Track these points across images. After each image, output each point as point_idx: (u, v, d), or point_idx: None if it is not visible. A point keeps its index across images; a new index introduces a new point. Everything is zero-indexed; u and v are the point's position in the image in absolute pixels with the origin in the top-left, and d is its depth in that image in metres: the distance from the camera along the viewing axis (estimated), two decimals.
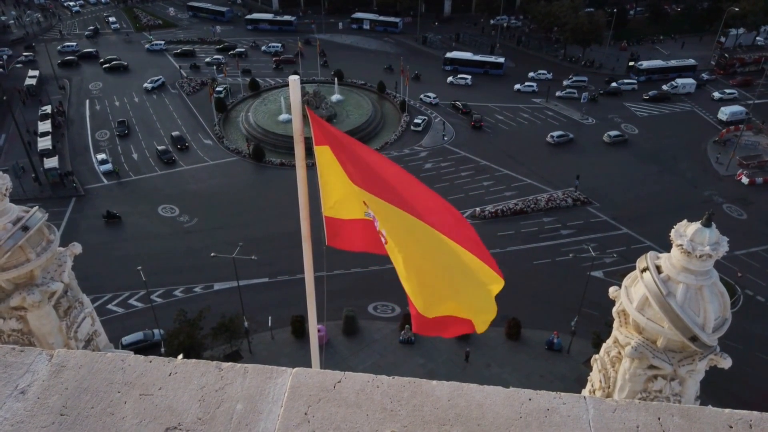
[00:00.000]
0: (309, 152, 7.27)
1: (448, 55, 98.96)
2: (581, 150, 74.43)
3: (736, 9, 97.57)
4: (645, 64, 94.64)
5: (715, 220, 7.11)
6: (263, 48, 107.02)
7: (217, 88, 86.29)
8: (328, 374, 3.61)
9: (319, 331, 9.77)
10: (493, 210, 61.80)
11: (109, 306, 49.80)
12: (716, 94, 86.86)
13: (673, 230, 7.20)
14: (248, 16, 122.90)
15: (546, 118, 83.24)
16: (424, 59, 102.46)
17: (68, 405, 3.42)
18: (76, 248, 8.89)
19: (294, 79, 6.84)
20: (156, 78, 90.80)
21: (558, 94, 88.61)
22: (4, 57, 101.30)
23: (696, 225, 7.07)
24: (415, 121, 79.98)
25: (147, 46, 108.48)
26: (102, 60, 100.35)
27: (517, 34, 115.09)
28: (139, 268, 47.60)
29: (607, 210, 62.40)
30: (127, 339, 45.36)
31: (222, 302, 48.85)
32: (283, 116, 78.29)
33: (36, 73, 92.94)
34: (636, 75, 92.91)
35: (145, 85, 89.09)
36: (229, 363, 3.73)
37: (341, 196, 7.68)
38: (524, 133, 78.83)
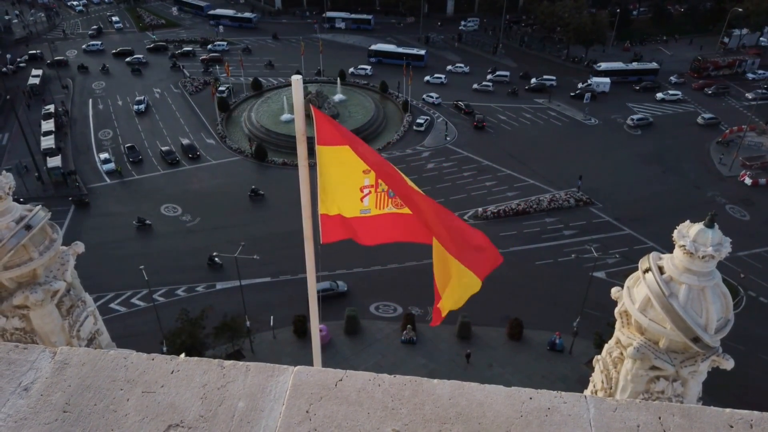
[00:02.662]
0: (311, 152, 7.28)
1: (372, 47, 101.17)
2: (584, 150, 74.29)
3: (740, 9, 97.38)
4: (603, 65, 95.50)
5: (718, 221, 7.11)
6: (208, 47, 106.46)
7: (220, 88, 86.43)
8: (329, 372, 3.62)
9: (321, 330, 9.78)
10: (495, 210, 61.77)
11: (112, 305, 49.90)
12: (659, 95, 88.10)
13: (675, 231, 7.20)
14: (210, 12, 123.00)
15: (549, 118, 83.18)
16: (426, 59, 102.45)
17: (71, 402, 3.43)
18: (79, 247, 8.92)
19: (297, 79, 6.83)
20: (140, 99, 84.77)
21: (474, 86, 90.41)
22: (8, 56, 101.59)
23: (698, 226, 7.06)
24: (418, 121, 79.99)
25: (83, 46, 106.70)
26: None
27: (520, 34, 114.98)
28: (142, 267, 47.72)
29: (609, 210, 62.33)
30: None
31: (224, 302, 48.92)
32: (286, 116, 78.33)
33: (39, 72, 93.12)
34: (594, 76, 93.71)
35: (135, 107, 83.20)
36: (231, 361, 3.75)
37: (341, 194, 7.76)
38: (527, 134, 78.78)
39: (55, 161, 68.22)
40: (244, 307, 45.95)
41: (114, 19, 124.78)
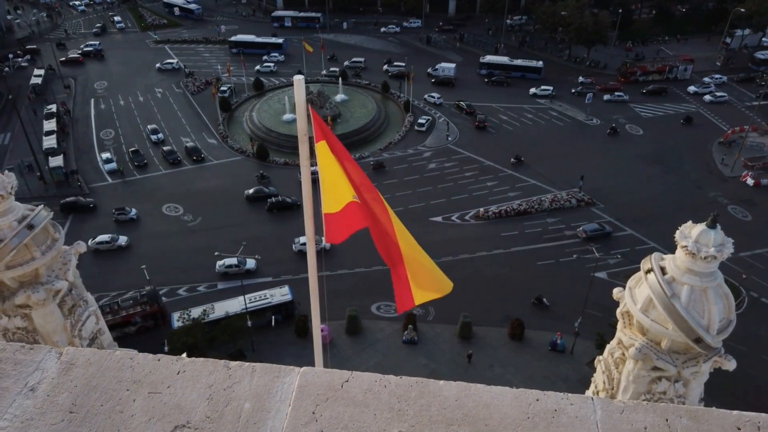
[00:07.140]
0: (313, 152, 7.30)
1: (232, 38, 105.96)
2: (586, 150, 74.24)
3: (742, 10, 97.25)
4: (488, 58, 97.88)
5: (720, 222, 7.10)
6: (83, 47, 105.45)
7: (222, 88, 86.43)
8: (335, 373, 3.62)
9: (322, 330, 9.78)
10: (496, 210, 61.73)
11: None
12: (532, 90, 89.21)
13: (677, 232, 7.19)
14: (165, 0, 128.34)
15: (550, 118, 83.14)
16: (427, 58, 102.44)
17: (77, 402, 3.44)
18: (81, 247, 8.93)
19: (299, 79, 6.84)
20: (155, 128, 78.27)
21: (323, 72, 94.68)
22: (9, 56, 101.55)
23: (701, 226, 7.06)
24: (419, 121, 79.99)
25: None
26: None
27: (521, 34, 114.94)
28: (143, 266, 47.79)
29: (611, 211, 62.27)
30: None
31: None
32: (288, 116, 78.32)
33: (41, 71, 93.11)
34: (479, 68, 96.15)
35: (153, 137, 76.30)
36: (237, 362, 3.75)
37: (337, 186, 7.71)
38: (528, 134, 78.74)
39: (57, 161, 68.33)
40: (246, 306, 45.94)
41: (116, 18, 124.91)
